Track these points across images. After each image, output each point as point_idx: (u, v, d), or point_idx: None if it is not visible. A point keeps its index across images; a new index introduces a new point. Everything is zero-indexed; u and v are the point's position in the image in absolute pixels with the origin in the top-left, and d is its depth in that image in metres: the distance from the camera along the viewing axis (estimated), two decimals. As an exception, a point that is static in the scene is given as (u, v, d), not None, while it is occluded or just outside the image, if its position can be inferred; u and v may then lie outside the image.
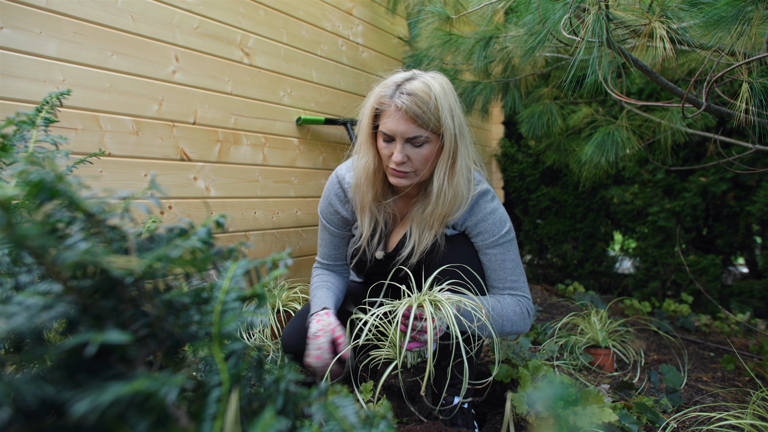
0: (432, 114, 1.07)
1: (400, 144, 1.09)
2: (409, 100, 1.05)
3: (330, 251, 1.38)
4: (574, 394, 1.07)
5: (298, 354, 1.29)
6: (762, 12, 1.02)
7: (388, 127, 1.09)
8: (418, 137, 1.08)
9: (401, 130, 1.07)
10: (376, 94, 1.12)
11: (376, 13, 2.70)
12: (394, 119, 1.08)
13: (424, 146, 1.10)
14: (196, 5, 1.77)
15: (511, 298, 1.18)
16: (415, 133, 1.07)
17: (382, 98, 1.10)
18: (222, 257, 0.40)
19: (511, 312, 1.14)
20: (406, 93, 1.06)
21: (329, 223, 1.32)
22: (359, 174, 1.19)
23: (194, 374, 0.37)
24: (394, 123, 1.08)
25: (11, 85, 1.31)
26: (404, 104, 1.05)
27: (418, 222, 1.21)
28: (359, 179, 1.20)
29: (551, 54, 1.99)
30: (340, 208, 1.29)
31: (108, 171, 1.51)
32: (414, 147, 1.10)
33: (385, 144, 1.12)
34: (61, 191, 0.33)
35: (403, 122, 1.07)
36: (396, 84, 1.10)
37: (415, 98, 1.05)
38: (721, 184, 2.60)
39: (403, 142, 1.09)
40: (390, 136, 1.10)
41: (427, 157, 1.12)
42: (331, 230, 1.33)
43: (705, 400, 1.42)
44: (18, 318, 0.30)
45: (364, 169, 1.18)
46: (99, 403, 0.27)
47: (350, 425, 0.37)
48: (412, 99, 1.05)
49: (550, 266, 3.46)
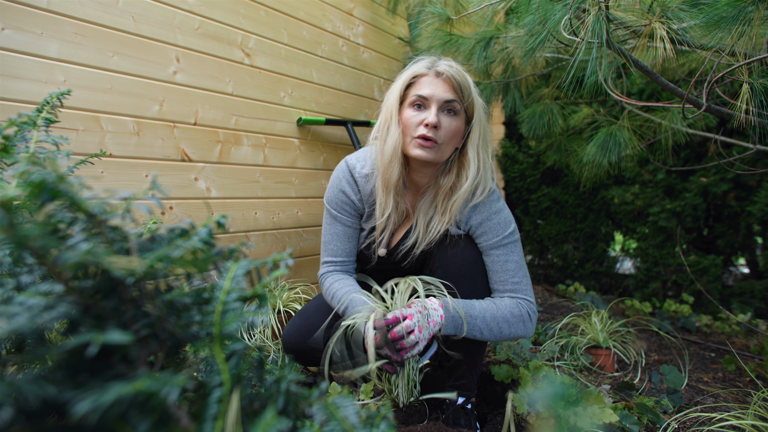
0: (467, 89, 1.12)
1: (436, 108, 1.10)
2: (451, 69, 1.11)
3: (344, 245, 1.27)
4: (575, 394, 1.07)
5: (299, 353, 1.28)
6: (762, 12, 1.02)
7: (425, 90, 1.11)
8: (453, 102, 1.10)
9: (440, 92, 1.10)
10: (410, 70, 1.16)
11: (376, 14, 2.70)
12: (432, 84, 1.11)
13: (455, 119, 1.12)
14: (196, 6, 1.77)
15: (510, 300, 1.14)
16: (453, 97, 1.10)
17: (417, 70, 1.14)
18: (223, 258, 0.40)
19: (509, 314, 1.11)
20: (447, 63, 1.12)
21: (341, 212, 1.26)
22: (388, 152, 1.14)
23: (195, 375, 0.38)
24: (432, 87, 1.11)
25: (12, 86, 1.31)
26: (446, 71, 1.10)
27: (425, 212, 1.19)
28: (389, 157, 1.14)
29: (552, 54, 1.99)
30: (353, 196, 1.24)
31: (109, 171, 1.51)
32: (446, 115, 1.11)
33: (415, 112, 1.12)
34: (62, 192, 0.33)
35: (443, 85, 1.10)
36: (431, 61, 1.15)
37: (456, 69, 1.12)
38: (722, 184, 2.59)
39: (438, 107, 1.10)
40: (425, 100, 1.11)
41: (454, 132, 1.12)
42: (343, 220, 1.26)
43: (706, 401, 1.42)
44: (19, 318, 0.30)
45: (393, 146, 1.14)
46: (100, 404, 0.27)
47: (351, 425, 0.37)
48: (454, 69, 1.11)
49: (551, 266, 3.45)
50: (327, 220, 1.29)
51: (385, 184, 1.18)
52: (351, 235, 1.27)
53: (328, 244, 1.28)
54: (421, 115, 1.11)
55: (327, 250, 1.29)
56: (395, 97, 1.15)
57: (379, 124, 1.19)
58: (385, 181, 1.17)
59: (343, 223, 1.27)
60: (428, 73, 1.13)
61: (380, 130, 1.18)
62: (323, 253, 1.30)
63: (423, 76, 1.13)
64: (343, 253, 1.28)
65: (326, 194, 1.29)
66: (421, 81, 1.13)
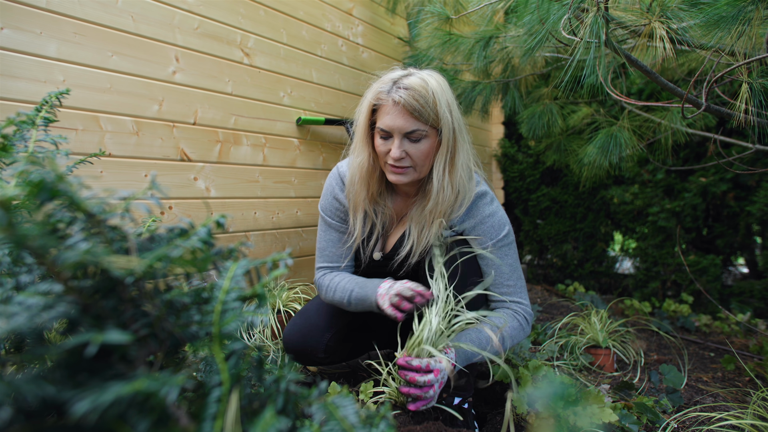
0: (430, 108, 1.07)
1: (398, 139, 1.09)
2: (407, 94, 1.05)
3: (338, 250, 1.29)
4: (575, 394, 1.07)
5: (300, 353, 1.28)
6: (762, 12, 1.02)
7: (385, 123, 1.09)
8: (416, 131, 1.08)
9: (399, 124, 1.07)
10: (373, 91, 1.13)
11: (376, 14, 2.70)
12: (391, 114, 1.08)
13: (423, 141, 1.10)
14: (196, 6, 1.77)
15: (506, 315, 1.14)
16: (413, 127, 1.07)
17: (379, 94, 1.10)
18: (222, 257, 0.40)
19: (510, 329, 1.12)
20: (404, 87, 1.07)
21: (334, 219, 1.28)
22: (354, 172, 1.19)
23: (194, 374, 0.38)
24: (391, 118, 1.08)
25: (11, 86, 1.31)
26: (402, 98, 1.05)
27: (417, 221, 1.20)
28: (353, 177, 1.19)
29: (551, 54, 1.99)
30: (345, 202, 1.27)
31: (108, 171, 1.51)
32: (412, 142, 1.10)
33: (383, 141, 1.12)
34: (61, 191, 0.33)
35: (401, 117, 1.07)
36: (393, 80, 1.10)
37: (413, 92, 1.06)
38: (721, 184, 2.60)
39: (401, 138, 1.09)
40: (388, 132, 1.10)
41: (426, 153, 1.11)
42: (336, 226, 1.29)
43: (705, 400, 1.42)
44: (19, 318, 0.30)
45: (358, 168, 1.17)
46: (99, 403, 0.27)
47: (350, 425, 0.37)
48: (410, 93, 1.06)
49: (550, 266, 3.45)
50: (322, 227, 1.31)
51: (353, 202, 1.21)
52: (346, 240, 1.29)
53: (324, 251, 1.30)
54: (388, 144, 1.11)
55: (322, 256, 1.30)
56: (363, 119, 1.15)
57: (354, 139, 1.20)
58: (353, 200, 1.21)
59: (338, 229, 1.29)
60: (387, 100, 1.09)
61: (354, 145, 1.20)
62: (318, 259, 1.31)
63: (383, 104, 1.10)
64: (338, 258, 1.29)
65: (320, 202, 1.31)
66: (382, 110, 1.10)
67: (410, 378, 0.96)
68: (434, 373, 0.96)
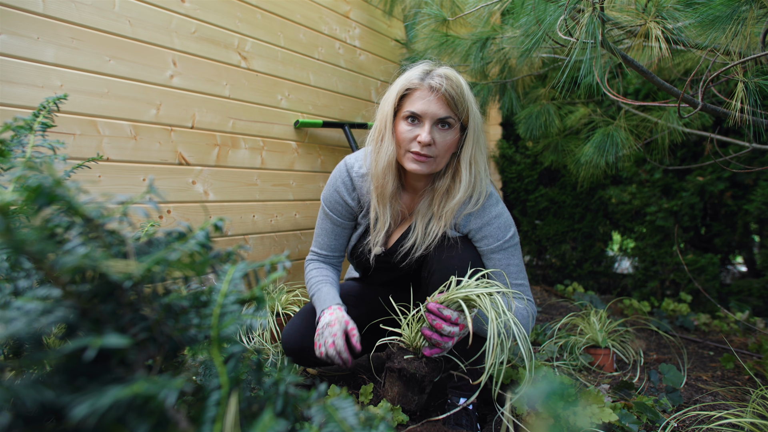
0: (463, 100, 1.10)
1: (429, 125, 1.09)
2: (446, 83, 1.08)
3: (330, 241, 1.34)
4: (574, 394, 1.07)
5: (299, 354, 1.28)
6: (756, 12, 1.03)
7: (418, 107, 1.09)
8: (448, 118, 1.09)
9: (433, 109, 1.08)
10: (403, 79, 1.14)
11: (372, 16, 2.71)
12: (426, 100, 1.09)
13: (449, 132, 1.11)
14: (193, 10, 1.77)
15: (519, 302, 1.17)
16: (447, 114, 1.09)
17: (411, 81, 1.12)
18: (220, 260, 0.40)
19: (520, 316, 1.14)
20: (440, 75, 1.09)
21: (333, 211, 1.30)
22: (382, 163, 1.16)
23: (193, 378, 0.38)
24: (426, 103, 1.09)
25: (9, 91, 1.31)
26: (440, 84, 1.08)
27: (423, 214, 1.20)
28: (382, 169, 1.16)
29: (548, 55, 2.00)
30: (347, 197, 1.27)
31: (106, 176, 1.51)
32: (440, 130, 1.11)
33: (409, 127, 1.12)
34: (59, 196, 0.33)
35: (436, 102, 1.08)
36: (425, 71, 1.13)
37: (450, 81, 1.08)
38: (719, 183, 2.60)
39: (431, 124, 1.09)
40: (418, 117, 1.10)
41: (449, 145, 1.12)
42: (333, 219, 1.31)
43: (705, 399, 1.43)
44: (17, 323, 0.30)
45: (387, 158, 1.15)
46: (98, 407, 0.27)
47: (350, 427, 0.37)
48: (448, 81, 1.08)
49: (549, 267, 3.46)
50: (321, 215, 1.35)
51: (380, 195, 1.20)
52: (339, 233, 1.33)
53: (318, 237, 1.37)
54: (415, 130, 1.11)
55: (316, 241, 1.38)
56: (389, 108, 1.14)
57: (374, 131, 1.20)
58: (380, 193, 1.20)
59: (333, 221, 1.32)
60: (421, 86, 1.10)
61: (375, 137, 1.20)
62: (313, 242, 1.39)
63: (416, 89, 1.11)
64: (328, 248, 1.35)
65: (323, 191, 1.33)
66: (414, 95, 1.11)
67: (437, 324, 0.98)
68: (459, 327, 0.99)
